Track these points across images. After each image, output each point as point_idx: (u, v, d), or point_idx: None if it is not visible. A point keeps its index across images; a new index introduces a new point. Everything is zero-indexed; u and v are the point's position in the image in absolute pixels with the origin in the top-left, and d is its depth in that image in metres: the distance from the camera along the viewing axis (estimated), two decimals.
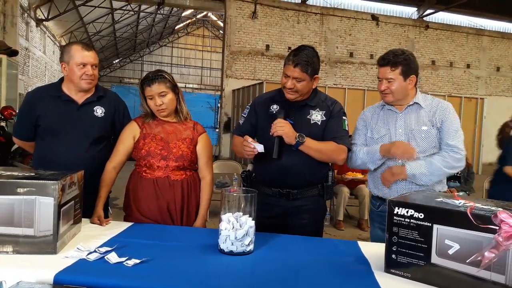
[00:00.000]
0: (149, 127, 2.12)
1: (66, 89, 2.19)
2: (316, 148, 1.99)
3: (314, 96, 2.11)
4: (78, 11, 16.44)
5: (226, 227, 1.57)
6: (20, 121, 2.28)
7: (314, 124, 2.06)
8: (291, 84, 1.98)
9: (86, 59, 2.10)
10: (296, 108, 2.08)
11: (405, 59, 2.07)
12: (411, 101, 2.14)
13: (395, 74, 2.07)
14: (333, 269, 1.47)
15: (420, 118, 2.11)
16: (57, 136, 2.14)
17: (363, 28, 13.37)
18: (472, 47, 14.81)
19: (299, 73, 1.96)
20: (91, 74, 2.12)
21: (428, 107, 2.13)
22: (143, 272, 1.37)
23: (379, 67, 2.14)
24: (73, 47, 2.12)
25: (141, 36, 26.24)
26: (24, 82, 13.26)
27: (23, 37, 12.92)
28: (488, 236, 1.22)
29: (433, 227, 1.33)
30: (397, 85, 2.08)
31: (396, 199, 1.44)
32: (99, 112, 2.21)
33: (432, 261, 1.34)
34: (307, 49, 2.01)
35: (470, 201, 1.40)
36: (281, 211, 2.06)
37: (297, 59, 1.96)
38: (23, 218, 1.47)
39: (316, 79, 2.05)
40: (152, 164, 2.05)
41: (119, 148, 2.11)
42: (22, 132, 2.28)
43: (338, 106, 2.14)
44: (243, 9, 12.18)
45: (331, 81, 12.79)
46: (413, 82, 2.12)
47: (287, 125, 1.95)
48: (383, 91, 2.12)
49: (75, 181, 1.69)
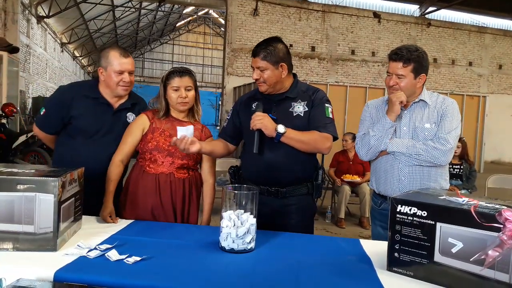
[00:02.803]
0: (159, 122, 2.10)
1: (103, 92, 2.18)
2: (298, 139, 1.94)
3: (294, 87, 2.07)
4: (79, 8, 16.42)
5: (227, 224, 1.56)
6: (49, 115, 2.22)
7: (297, 116, 2.01)
8: (256, 75, 1.98)
9: (124, 66, 2.09)
10: (277, 103, 2.04)
11: (418, 56, 2.03)
12: (417, 98, 2.12)
13: (407, 71, 2.03)
14: (335, 268, 1.45)
15: (424, 115, 2.09)
16: (89, 138, 2.13)
17: (364, 26, 13.33)
18: (474, 45, 14.77)
19: (260, 62, 1.96)
20: (128, 81, 2.12)
21: (433, 104, 2.11)
22: (144, 269, 1.36)
23: (390, 61, 2.09)
24: (111, 53, 2.10)
25: (142, 33, 26.24)
26: (25, 79, 13.26)
27: (24, 34, 12.91)
28: (492, 235, 1.21)
29: (436, 225, 1.32)
30: (407, 83, 2.05)
31: (399, 197, 1.43)
32: (131, 118, 2.21)
33: (435, 260, 1.32)
34: (269, 39, 2.01)
35: (474, 199, 1.38)
36: (269, 210, 1.99)
37: (256, 49, 1.98)
38: (23, 215, 1.46)
39: (283, 66, 1.99)
40: (157, 159, 2.04)
41: (128, 140, 2.08)
42: (49, 126, 2.24)
43: (321, 94, 2.08)
44: (244, 6, 12.16)
45: (332, 78, 12.76)
46: (423, 81, 2.09)
47: (265, 118, 1.91)
48: (391, 86, 2.08)
49: (76, 178, 1.68)
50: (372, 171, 2.28)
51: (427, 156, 2.02)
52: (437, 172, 2.11)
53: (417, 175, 2.09)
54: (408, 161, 2.07)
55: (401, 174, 2.10)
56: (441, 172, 2.13)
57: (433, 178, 2.10)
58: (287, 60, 2.01)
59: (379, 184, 2.20)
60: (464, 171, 5.04)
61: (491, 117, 12.65)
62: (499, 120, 13.77)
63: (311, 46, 12.65)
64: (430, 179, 2.09)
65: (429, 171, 2.08)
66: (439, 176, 2.12)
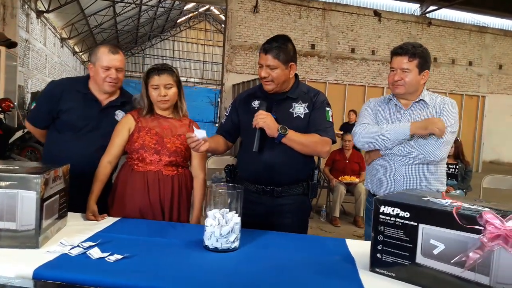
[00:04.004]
0: (145, 120, 2.09)
1: (92, 88, 2.19)
2: (299, 141, 1.94)
3: (295, 88, 2.05)
4: (79, 3, 16.39)
5: (211, 223, 1.55)
6: (39, 109, 2.25)
7: (297, 117, 2.01)
8: (265, 73, 1.94)
9: (111, 62, 2.09)
10: (278, 102, 2.02)
11: (423, 52, 2.04)
12: (417, 98, 2.10)
13: (412, 65, 2.02)
14: (317, 267, 1.45)
15: (423, 115, 2.07)
16: (76, 133, 2.14)
17: (365, 24, 13.30)
18: (475, 45, 14.73)
19: (271, 60, 1.92)
20: (114, 77, 2.12)
21: (433, 104, 2.10)
22: (125, 268, 1.35)
23: (394, 57, 2.08)
24: (101, 49, 2.12)
25: (142, 29, 26.18)
26: (24, 74, 13.25)
27: (23, 29, 12.89)
28: (473, 237, 1.20)
29: (418, 226, 1.31)
30: (412, 77, 2.04)
31: (382, 198, 1.42)
32: (119, 117, 2.20)
33: (417, 261, 1.32)
34: (280, 37, 1.98)
35: (458, 201, 1.37)
36: (264, 210, 2.01)
37: (269, 46, 1.93)
38: (4, 211, 1.45)
39: (293, 67, 1.99)
40: (145, 157, 2.03)
41: (115, 141, 2.08)
42: (39, 121, 2.26)
43: (322, 97, 2.07)
44: (244, 3, 12.12)
45: (332, 77, 12.74)
46: (426, 78, 2.08)
47: (269, 117, 1.89)
48: (396, 81, 2.06)
49: (60, 175, 1.67)
50: (368, 171, 2.27)
51: (419, 153, 2.01)
52: (434, 172, 2.09)
53: (413, 175, 2.07)
54: (403, 161, 2.06)
55: (397, 174, 2.08)
56: (437, 173, 2.11)
57: (429, 179, 2.09)
58: (295, 60, 2.00)
59: (374, 185, 2.19)
60: (460, 171, 5.03)
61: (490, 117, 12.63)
62: (498, 120, 13.75)
63: (311, 44, 12.62)
64: (426, 180, 2.08)
65: (425, 172, 2.07)
66: (436, 176, 2.11)
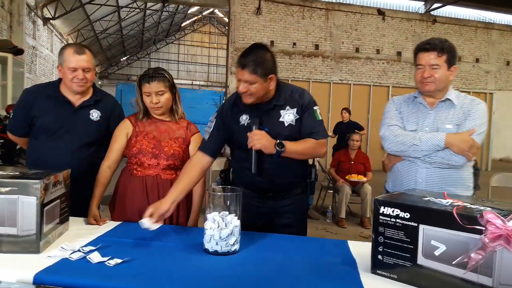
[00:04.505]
0: (142, 125, 2.10)
1: (63, 90, 2.19)
2: (297, 152, 1.88)
3: (279, 93, 1.94)
4: (84, 9, 16.50)
5: (211, 226, 1.55)
6: (15, 117, 2.28)
7: (289, 125, 1.92)
8: (243, 88, 1.82)
9: (77, 63, 2.08)
10: (265, 113, 1.92)
11: (450, 46, 1.98)
12: (443, 97, 2.03)
13: (441, 61, 1.95)
14: (318, 270, 1.43)
15: (449, 116, 2.00)
16: (51, 136, 2.14)
17: (369, 23, 13.21)
18: (481, 41, 14.57)
19: (248, 75, 1.79)
20: (82, 78, 2.10)
21: (460, 104, 2.01)
22: (124, 272, 1.35)
23: (421, 53, 1.99)
24: (66, 51, 2.11)
25: (147, 33, 26.32)
26: (32, 80, 13.36)
27: (30, 36, 13.00)
28: (475, 237, 1.18)
29: (419, 227, 1.29)
30: (442, 73, 1.96)
31: (382, 198, 1.40)
32: (94, 116, 2.20)
33: (418, 262, 1.30)
34: (257, 48, 1.84)
35: (459, 201, 1.36)
36: (264, 211, 2.00)
37: (245, 60, 1.80)
38: (6, 217, 1.46)
39: (272, 78, 1.86)
40: (143, 162, 2.04)
41: (114, 147, 2.10)
42: (17, 129, 2.28)
43: (307, 96, 1.97)
44: (247, 5, 12.11)
45: (336, 77, 12.68)
46: (454, 73, 2.01)
47: (264, 137, 1.80)
48: (425, 78, 1.98)
49: (61, 180, 1.68)
50: (390, 173, 2.19)
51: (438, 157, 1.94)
52: (458, 176, 2.00)
53: (435, 178, 1.99)
54: (424, 163, 1.99)
55: (418, 176, 2.01)
56: (462, 177, 2.02)
57: (453, 183, 1.99)
58: (275, 70, 1.89)
59: (395, 186, 2.11)
60: None
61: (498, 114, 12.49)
62: (507, 117, 13.60)
63: (315, 44, 12.57)
64: (449, 183, 1.98)
65: (449, 175, 1.98)
66: (460, 180, 2.01)
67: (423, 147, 1.95)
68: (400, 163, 2.10)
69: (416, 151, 1.97)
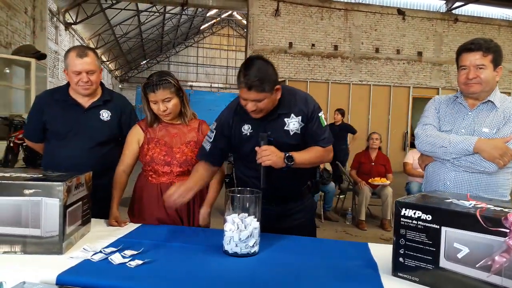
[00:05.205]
0: (153, 131, 2.10)
1: (72, 93, 2.22)
2: (306, 162, 1.84)
3: (283, 100, 1.86)
4: (105, 14, 16.82)
5: (230, 228, 1.55)
6: (29, 124, 2.34)
7: (294, 134, 1.88)
8: (252, 107, 1.75)
9: (80, 67, 2.09)
10: (270, 123, 1.86)
11: (496, 46, 1.89)
12: (485, 99, 1.93)
13: (487, 61, 1.86)
14: (338, 272, 1.42)
15: (488, 118, 1.91)
16: (63, 139, 2.18)
17: (388, 23, 13.06)
18: (505, 40, 14.21)
19: (256, 95, 1.71)
20: (86, 81, 2.12)
21: (502, 107, 1.91)
22: (145, 273, 1.37)
23: (465, 53, 1.91)
24: (70, 55, 2.12)
25: (167, 37, 26.61)
26: (54, 84, 13.67)
27: (53, 40, 13.31)
28: (499, 240, 1.15)
29: (441, 229, 1.27)
30: (488, 74, 1.87)
31: (403, 200, 1.38)
32: (105, 116, 2.23)
33: (440, 265, 1.27)
34: (257, 63, 1.73)
35: (482, 202, 1.33)
36: (274, 213, 1.98)
37: (249, 80, 1.69)
38: (30, 219, 1.50)
39: (278, 89, 1.80)
40: (157, 169, 2.05)
41: (126, 152, 2.12)
42: (31, 135, 2.34)
43: (311, 103, 1.90)
44: (265, 7, 12.13)
45: (356, 77, 12.57)
46: (499, 74, 1.92)
47: (274, 153, 1.73)
48: (470, 79, 1.89)
49: (83, 182, 1.71)
50: (427, 172, 2.13)
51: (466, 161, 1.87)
52: (490, 181, 1.89)
53: (464, 182, 1.91)
54: (453, 166, 1.92)
55: (446, 179, 1.95)
56: (495, 182, 1.90)
57: (485, 188, 1.89)
58: (278, 79, 1.80)
59: (426, 188, 2.09)
60: None
61: None
62: None
63: (334, 45, 12.49)
64: (480, 189, 1.89)
65: (479, 180, 1.89)
66: (493, 186, 1.90)
67: (451, 149, 1.89)
68: (431, 164, 2.05)
69: (445, 153, 1.91)
